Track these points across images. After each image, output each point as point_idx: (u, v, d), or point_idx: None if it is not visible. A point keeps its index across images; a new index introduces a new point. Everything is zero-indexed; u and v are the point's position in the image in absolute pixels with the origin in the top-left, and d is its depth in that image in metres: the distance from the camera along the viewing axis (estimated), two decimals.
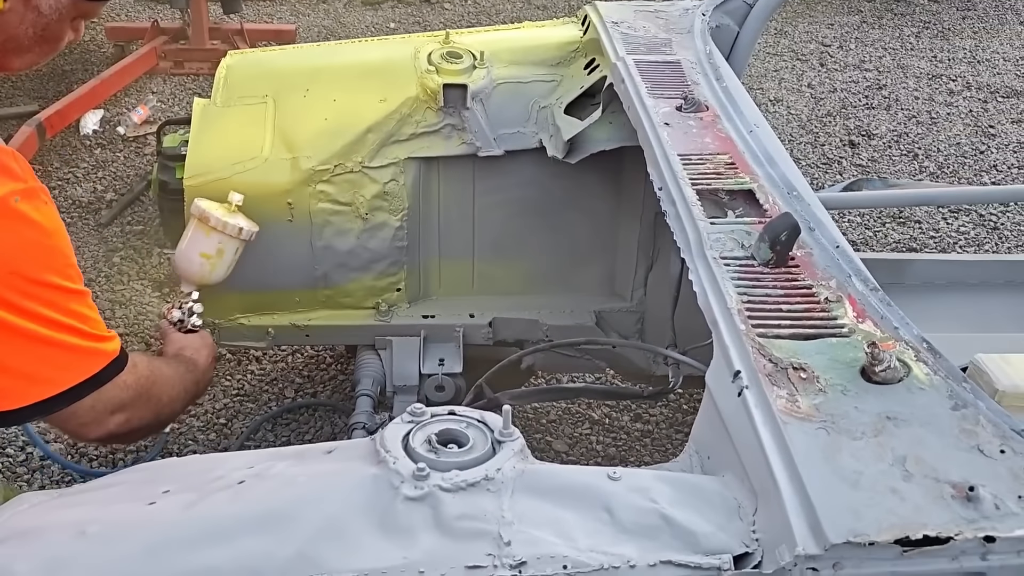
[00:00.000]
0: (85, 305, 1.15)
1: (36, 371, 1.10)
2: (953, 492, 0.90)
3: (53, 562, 0.93)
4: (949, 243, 3.67)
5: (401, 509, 0.94)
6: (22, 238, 1.07)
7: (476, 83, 1.98)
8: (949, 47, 5.68)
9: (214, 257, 1.72)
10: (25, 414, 1.12)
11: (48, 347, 1.10)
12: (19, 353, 1.08)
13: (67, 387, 1.13)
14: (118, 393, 1.20)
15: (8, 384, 1.10)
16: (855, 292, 1.18)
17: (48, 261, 1.10)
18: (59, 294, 1.11)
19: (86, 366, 1.14)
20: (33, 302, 1.08)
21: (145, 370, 1.28)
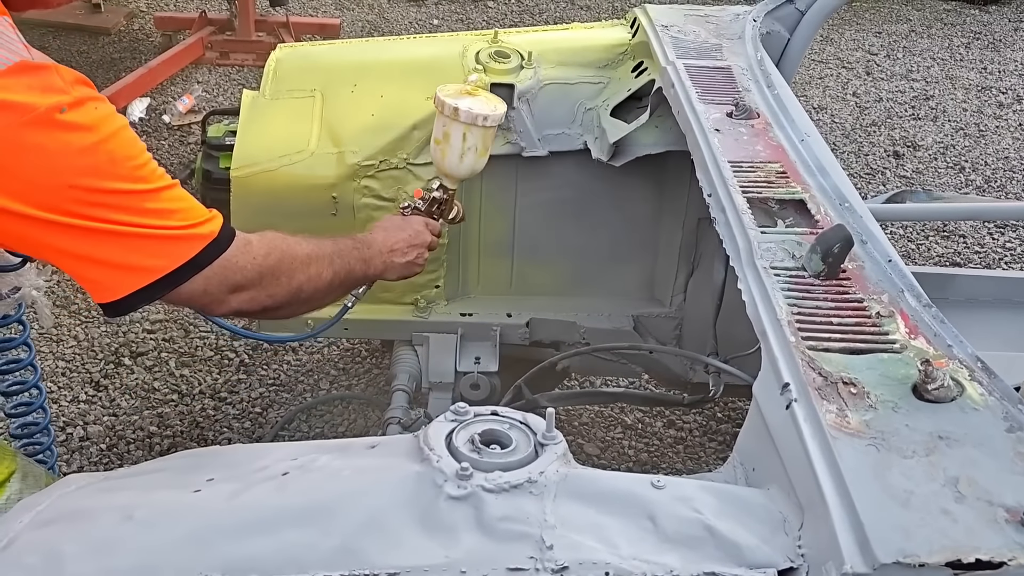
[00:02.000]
0: (167, 198, 1.11)
1: (128, 261, 1.08)
2: (1007, 516, 0.88)
3: (101, 545, 0.94)
4: (994, 259, 3.60)
5: (444, 508, 0.94)
6: (75, 148, 1.03)
7: (523, 83, 1.98)
8: (1000, 59, 5.57)
9: (442, 142, 1.61)
10: (130, 302, 1.11)
11: (134, 239, 1.08)
12: (106, 248, 1.07)
13: (163, 274, 1.10)
14: (229, 274, 1.17)
15: (104, 276, 1.09)
16: (907, 308, 1.16)
17: (108, 168, 1.06)
18: (129, 198, 1.07)
19: (179, 251, 1.11)
20: (103, 210, 1.05)
21: (265, 249, 1.23)
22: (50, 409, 1.99)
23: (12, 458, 1.39)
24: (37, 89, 1.01)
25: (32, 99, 1.00)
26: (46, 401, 1.86)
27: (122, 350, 2.82)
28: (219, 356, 2.82)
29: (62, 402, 2.62)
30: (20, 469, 1.39)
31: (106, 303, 1.12)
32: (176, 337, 2.88)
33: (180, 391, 2.69)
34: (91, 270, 1.09)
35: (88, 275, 1.11)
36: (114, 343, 2.84)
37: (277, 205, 1.93)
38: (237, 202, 1.94)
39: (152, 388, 2.70)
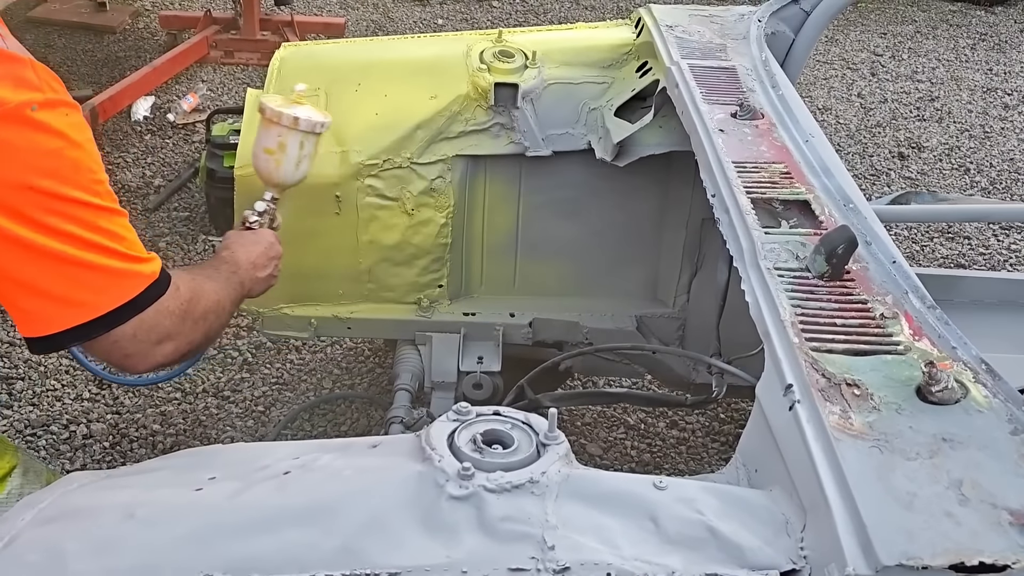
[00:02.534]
0: (117, 224, 1.06)
1: (68, 294, 1.03)
2: (1011, 519, 0.87)
3: (102, 543, 0.94)
4: (999, 261, 3.59)
5: (445, 507, 0.93)
6: (39, 148, 0.99)
7: (527, 83, 1.98)
8: (1006, 60, 5.56)
9: (277, 152, 1.60)
10: (60, 340, 1.05)
11: (78, 268, 1.02)
12: (48, 274, 1.01)
13: (103, 312, 1.04)
14: (162, 320, 1.11)
15: (40, 307, 1.03)
16: (912, 309, 1.15)
17: (71, 175, 1.01)
18: (85, 210, 1.02)
19: (123, 289, 1.06)
20: (56, 218, 1.00)
21: (186, 291, 1.18)
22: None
23: (14, 453, 1.38)
24: (10, 81, 0.98)
25: (2, 93, 0.97)
26: None
27: None
28: (222, 354, 2.82)
29: (65, 400, 2.62)
30: (21, 464, 1.38)
31: (34, 338, 1.06)
32: None
33: (183, 389, 2.70)
34: (29, 299, 1.03)
35: (24, 304, 1.04)
36: None
37: (280, 204, 1.93)
38: (240, 200, 1.94)
39: (155, 386, 2.70)
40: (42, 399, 2.59)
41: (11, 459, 1.36)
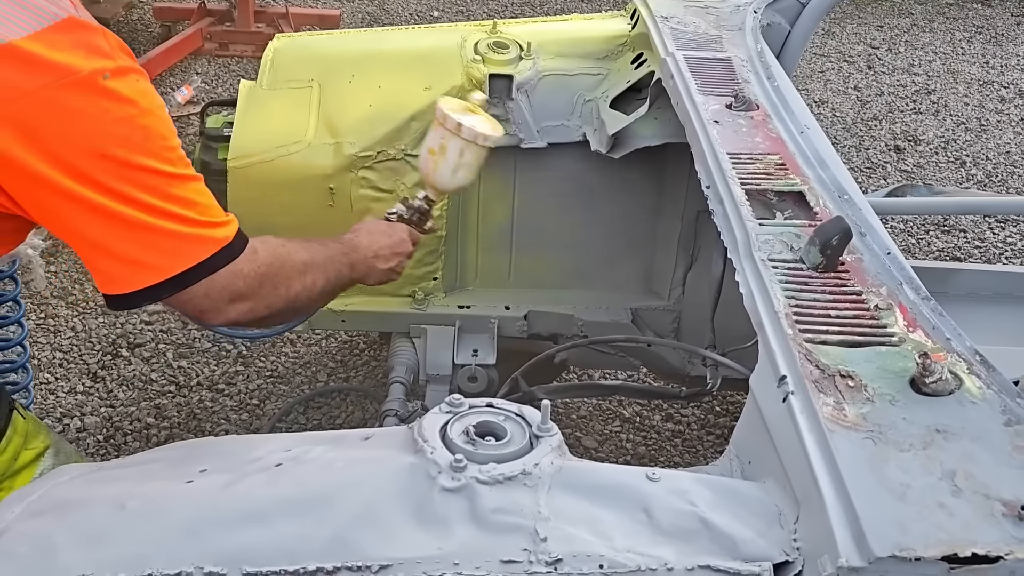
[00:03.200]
0: (191, 189, 1.09)
1: (140, 257, 1.06)
2: (1004, 510, 0.87)
3: (92, 535, 0.94)
4: (995, 253, 3.59)
5: (437, 499, 0.93)
6: (112, 116, 1.01)
7: (522, 74, 1.97)
8: (1002, 53, 5.55)
9: (437, 154, 1.60)
10: (134, 299, 1.09)
11: (150, 233, 1.05)
12: (121, 238, 1.04)
13: (172, 274, 1.07)
14: (234, 281, 1.13)
15: (115, 268, 1.07)
16: (906, 300, 1.15)
17: (143, 142, 1.03)
18: (157, 178, 1.04)
19: (192, 253, 1.08)
20: (129, 186, 1.02)
21: (267, 257, 1.19)
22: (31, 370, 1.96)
23: (47, 434, 1.38)
24: (82, 49, 0.99)
25: (76, 60, 0.98)
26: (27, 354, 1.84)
27: (119, 341, 2.81)
28: (217, 348, 2.82)
29: (59, 393, 2.61)
30: (54, 445, 1.38)
31: (112, 295, 1.10)
32: (174, 328, 2.88)
33: (177, 382, 2.69)
34: (105, 261, 1.07)
35: (101, 265, 1.08)
36: (111, 334, 2.84)
37: (274, 196, 1.92)
38: (234, 193, 1.93)
39: (149, 379, 2.69)
40: (35, 392, 2.59)
41: (44, 440, 1.37)
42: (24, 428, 1.33)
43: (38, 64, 0.96)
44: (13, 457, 1.30)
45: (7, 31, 0.94)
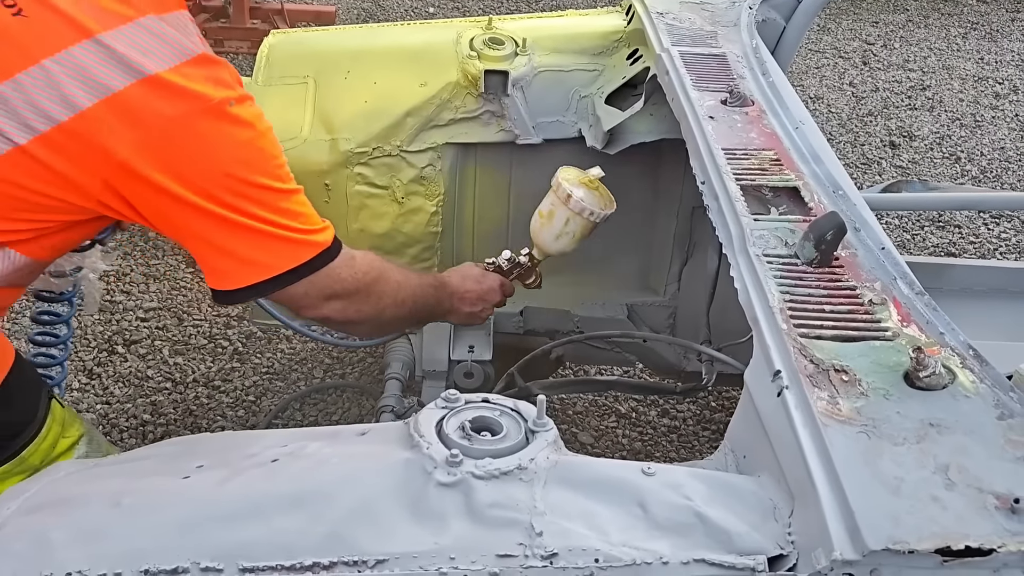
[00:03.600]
0: (295, 202, 1.21)
1: (253, 256, 1.18)
2: (997, 503, 0.88)
3: (89, 531, 0.94)
4: (989, 249, 3.60)
5: (433, 494, 0.93)
6: (236, 140, 1.12)
7: (517, 70, 1.97)
8: (997, 49, 5.56)
9: (545, 217, 1.69)
10: (242, 294, 1.21)
11: (262, 237, 1.17)
12: (236, 241, 1.16)
13: (279, 272, 1.19)
14: (331, 283, 1.26)
15: (228, 266, 1.19)
16: (900, 295, 1.16)
17: (259, 163, 1.15)
18: (269, 194, 1.16)
19: (297, 254, 1.20)
20: (246, 201, 1.14)
21: (366, 267, 1.33)
22: None
23: (81, 423, 1.45)
24: (211, 81, 1.10)
25: (207, 90, 1.09)
26: None
27: (115, 338, 2.81)
28: (213, 344, 2.82)
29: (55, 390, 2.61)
30: (87, 433, 1.44)
31: (220, 291, 1.21)
32: (170, 325, 2.87)
33: (174, 379, 2.69)
34: (219, 259, 1.19)
35: (214, 263, 1.20)
36: (107, 331, 2.83)
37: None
38: None
39: (145, 376, 2.69)
40: None
41: (79, 428, 1.43)
42: (62, 416, 1.39)
43: (179, 93, 1.07)
44: (52, 445, 1.36)
45: (154, 64, 1.05)
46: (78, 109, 1.04)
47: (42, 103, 1.03)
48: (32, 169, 1.07)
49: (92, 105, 1.04)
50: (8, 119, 1.04)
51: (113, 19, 1.05)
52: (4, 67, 1.03)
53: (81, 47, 1.04)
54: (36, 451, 1.33)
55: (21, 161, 1.06)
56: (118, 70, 1.05)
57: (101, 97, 1.04)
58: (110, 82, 1.04)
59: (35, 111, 1.03)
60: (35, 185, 1.09)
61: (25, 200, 1.10)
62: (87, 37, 1.04)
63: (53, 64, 1.03)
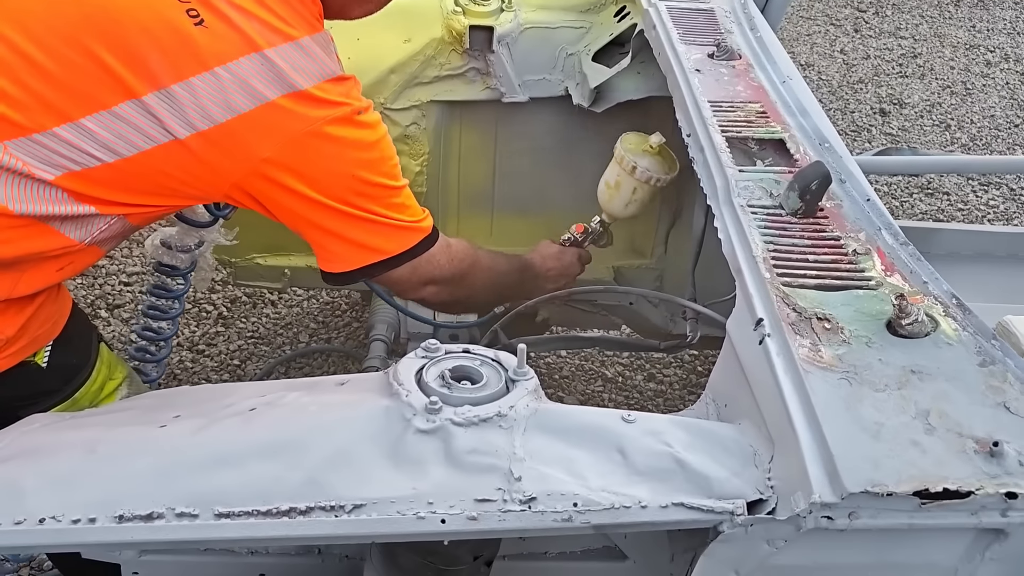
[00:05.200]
0: (405, 196, 1.32)
1: (366, 241, 1.29)
2: (976, 447, 0.88)
3: (61, 479, 0.93)
4: (977, 216, 3.60)
5: (412, 441, 0.92)
6: (362, 143, 1.25)
7: (503, 26, 1.94)
8: (989, 17, 5.53)
9: (612, 188, 1.73)
10: (353, 276, 1.33)
11: (376, 224, 1.29)
12: (352, 228, 1.27)
13: (387, 256, 1.31)
14: (430, 268, 1.37)
15: (343, 250, 1.30)
16: (884, 245, 1.15)
17: (379, 165, 1.28)
18: (385, 191, 1.28)
19: (406, 240, 1.32)
20: (365, 199, 1.26)
21: (462, 254, 1.44)
22: None
23: (123, 365, 1.54)
24: (346, 94, 1.23)
25: (344, 100, 1.22)
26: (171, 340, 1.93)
27: (98, 302, 2.79)
28: (197, 309, 2.80)
29: None
30: (129, 375, 1.52)
31: (333, 273, 1.32)
32: None
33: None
34: (335, 243, 1.29)
35: (330, 247, 1.30)
36: (90, 295, 2.81)
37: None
38: None
39: (129, 340, 2.66)
40: None
41: (122, 370, 1.51)
42: (109, 359, 1.47)
43: (320, 103, 1.20)
44: (100, 387, 1.44)
45: (303, 80, 1.18)
46: (237, 113, 1.15)
47: (207, 105, 1.14)
48: (183, 159, 1.17)
49: (248, 110, 1.15)
50: (173, 115, 1.14)
51: (277, 37, 1.17)
52: (180, 70, 1.13)
53: (248, 59, 1.15)
54: (87, 393, 1.40)
55: (175, 151, 1.16)
56: (275, 82, 1.16)
57: (257, 104, 1.16)
58: (266, 92, 1.16)
59: (200, 111, 1.14)
60: (179, 173, 1.19)
61: (163, 184, 1.20)
62: (255, 51, 1.15)
63: (224, 72, 1.14)
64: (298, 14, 1.21)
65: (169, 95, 1.13)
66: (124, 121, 1.13)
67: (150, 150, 1.15)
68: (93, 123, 1.13)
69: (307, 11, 1.24)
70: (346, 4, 1.34)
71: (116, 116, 1.13)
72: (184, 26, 1.13)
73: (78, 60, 1.12)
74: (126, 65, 1.12)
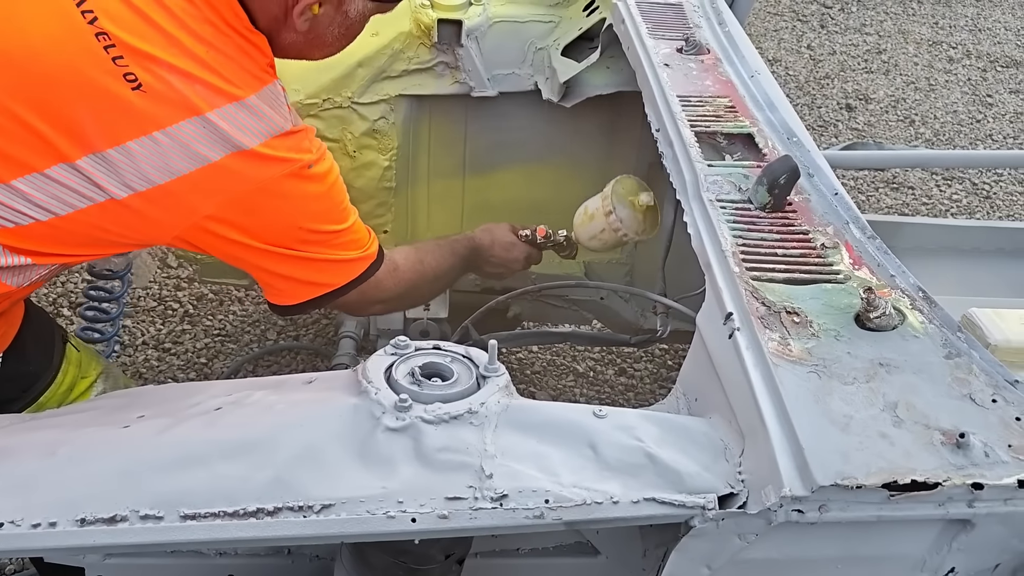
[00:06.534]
0: (352, 232, 1.32)
1: (311, 278, 1.30)
2: (943, 439, 0.88)
3: (20, 481, 0.90)
4: (941, 210, 3.65)
5: (381, 439, 0.91)
6: (311, 195, 1.24)
7: (471, 20, 1.92)
8: (951, 14, 5.61)
9: (586, 217, 1.72)
10: (302, 308, 1.34)
11: (322, 263, 1.30)
12: (297, 269, 1.28)
13: (333, 288, 1.32)
14: (377, 292, 1.39)
15: (288, 287, 1.31)
16: (852, 239, 1.16)
17: (327, 213, 1.28)
18: (333, 236, 1.29)
19: (351, 271, 1.33)
20: (310, 245, 1.27)
21: (408, 272, 1.46)
22: None
23: (98, 360, 1.51)
24: (294, 150, 1.21)
25: (293, 155, 1.20)
26: None
27: (61, 300, 2.73)
28: (163, 306, 2.75)
29: None
30: (104, 369, 1.50)
31: (280, 305, 1.34)
32: None
33: (122, 342, 2.62)
34: (280, 283, 1.30)
35: (275, 285, 1.31)
36: (52, 293, 2.75)
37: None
38: None
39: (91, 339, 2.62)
40: None
41: (97, 365, 1.48)
42: (78, 359, 1.44)
43: (266, 161, 1.18)
44: (69, 388, 1.41)
45: (249, 140, 1.16)
46: (178, 174, 1.13)
47: (146, 169, 1.12)
48: (121, 216, 1.15)
49: (190, 172, 1.13)
50: (110, 178, 1.12)
51: (220, 98, 1.14)
52: (116, 135, 1.11)
53: (189, 123, 1.12)
54: (54, 395, 1.39)
55: (113, 209, 1.14)
56: (219, 143, 1.14)
57: (199, 166, 1.13)
58: (209, 154, 1.14)
59: (138, 174, 1.12)
60: (118, 228, 1.17)
61: (101, 238, 1.19)
62: (196, 114, 1.12)
63: (163, 136, 1.12)
64: (244, 71, 1.17)
65: (104, 158, 1.10)
66: (57, 183, 1.11)
67: (86, 208, 1.13)
68: (25, 184, 1.10)
69: (254, 65, 1.19)
70: (305, 48, 1.29)
71: (48, 178, 1.11)
72: (121, 91, 1.10)
73: (7, 125, 1.09)
74: (57, 130, 1.10)
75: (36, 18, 1.11)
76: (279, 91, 1.22)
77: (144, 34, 1.11)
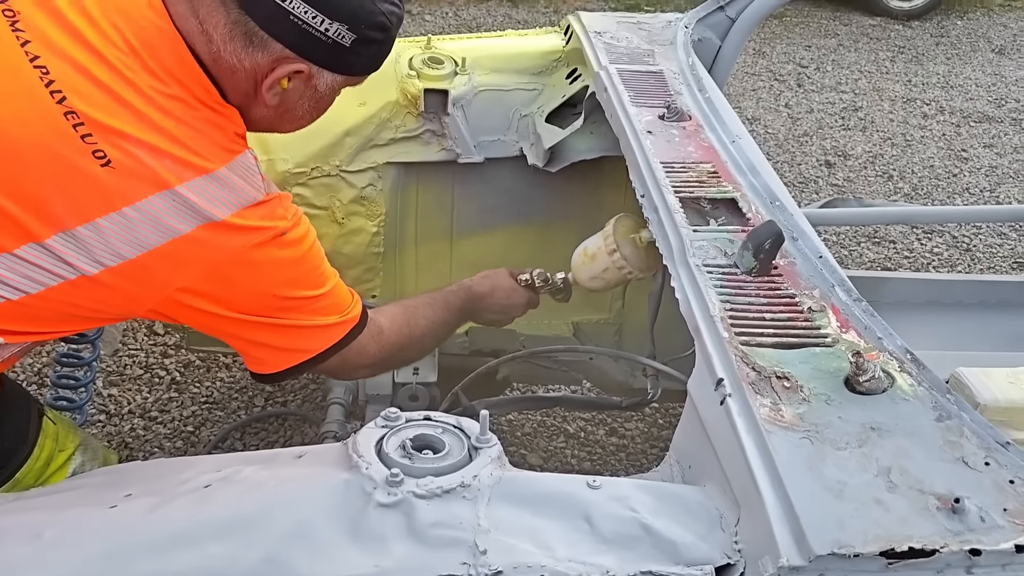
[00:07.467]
0: (332, 296, 1.30)
1: (290, 346, 1.28)
2: (938, 504, 0.88)
3: (6, 566, 0.88)
4: (923, 263, 3.70)
5: (373, 516, 0.90)
6: (284, 262, 1.23)
7: (457, 89, 1.96)
8: (923, 72, 5.77)
9: (587, 257, 1.70)
10: (282, 375, 1.32)
11: (300, 330, 1.27)
12: (275, 337, 1.26)
13: (314, 355, 1.29)
14: (359, 358, 1.36)
15: (268, 356, 1.29)
16: (838, 302, 1.17)
17: (303, 279, 1.26)
18: (310, 302, 1.27)
19: (331, 336, 1.30)
20: (287, 312, 1.25)
21: (395, 336, 1.43)
22: None
23: (76, 432, 1.49)
24: (267, 218, 1.20)
25: (266, 224, 1.19)
26: None
27: (46, 371, 2.70)
28: (149, 374, 2.73)
29: None
30: (83, 443, 1.48)
31: (261, 374, 1.32)
32: (103, 356, 2.77)
33: (108, 411, 2.59)
34: (258, 351, 1.28)
35: (254, 354, 1.29)
36: (37, 363, 2.72)
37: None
38: None
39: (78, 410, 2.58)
40: None
41: (74, 439, 1.46)
42: (55, 432, 1.42)
43: (238, 231, 1.17)
44: (46, 462, 1.39)
45: (219, 212, 1.15)
46: (148, 248, 1.13)
47: (116, 244, 1.12)
48: (93, 292, 1.14)
49: (160, 244, 1.13)
50: (80, 255, 1.11)
51: (189, 171, 1.14)
52: (85, 212, 1.10)
53: (159, 196, 1.12)
54: (30, 471, 1.36)
55: (84, 285, 1.13)
56: (189, 216, 1.14)
57: (170, 238, 1.13)
58: (180, 226, 1.13)
59: (108, 250, 1.12)
60: (90, 304, 1.16)
61: (73, 314, 1.18)
62: (165, 188, 1.12)
63: (132, 211, 1.11)
64: (214, 143, 1.17)
65: (74, 236, 1.10)
66: (27, 263, 1.10)
67: (58, 285, 1.12)
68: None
69: (224, 138, 1.19)
70: (275, 122, 1.31)
71: (17, 258, 1.10)
72: (89, 168, 1.09)
73: None
74: (26, 210, 1.09)
75: (4, 98, 1.10)
76: (251, 161, 1.22)
77: (113, 111, 1.11)
